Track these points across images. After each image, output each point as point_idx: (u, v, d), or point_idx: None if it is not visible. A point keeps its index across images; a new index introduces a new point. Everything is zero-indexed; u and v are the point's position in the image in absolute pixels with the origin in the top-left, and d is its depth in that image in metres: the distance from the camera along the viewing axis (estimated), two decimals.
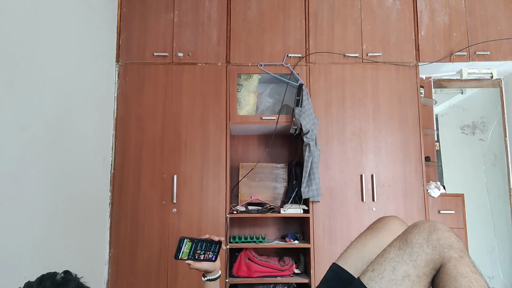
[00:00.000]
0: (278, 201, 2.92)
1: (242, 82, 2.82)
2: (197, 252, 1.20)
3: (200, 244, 1.21)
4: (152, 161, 2.64)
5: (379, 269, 1.04)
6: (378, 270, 1.04)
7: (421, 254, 1.00)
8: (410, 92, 2.77)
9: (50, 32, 1.85)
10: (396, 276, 1.01)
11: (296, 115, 2.60)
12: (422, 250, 1.01)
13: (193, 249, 1.19)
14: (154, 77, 2.74)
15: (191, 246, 1.19)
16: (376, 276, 1.03)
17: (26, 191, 1.63)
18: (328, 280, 1.27)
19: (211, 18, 2.81)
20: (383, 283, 1.01)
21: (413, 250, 1.02)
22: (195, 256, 1.19)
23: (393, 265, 1.02)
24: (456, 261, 0.98)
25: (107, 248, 2.56)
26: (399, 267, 1.01)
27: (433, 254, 1.00)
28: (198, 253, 1.20)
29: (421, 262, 1.00)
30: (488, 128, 3.30)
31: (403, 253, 1.02)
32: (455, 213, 2.74)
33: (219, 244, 1.25)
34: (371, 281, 1.03)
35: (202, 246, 1.21)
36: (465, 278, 0.95)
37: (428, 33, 2.83)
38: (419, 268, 1.00)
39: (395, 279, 1.00)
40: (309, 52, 2.79)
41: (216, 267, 1.25)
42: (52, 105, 1.85)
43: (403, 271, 1.00)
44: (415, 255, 1.01)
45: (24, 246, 1.62)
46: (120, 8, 2.80)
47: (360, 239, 1.33)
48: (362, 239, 1.32)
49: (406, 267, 1.00)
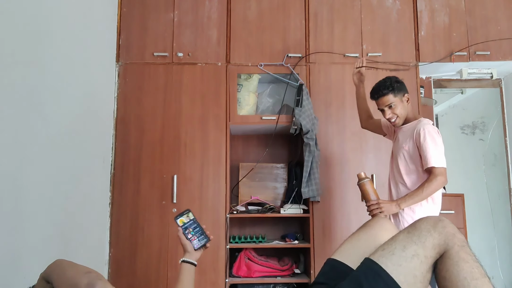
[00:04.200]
0: (278, 201, 2.92)
1: (242, 82, 2.82)
2: (189, 229, 1.34)
3: (195, 226, 1.35)
4: (152, 161, 2.64)
5: (389, 248, 1.10)
6: (388, 249, 1.10)
7: (429, 237, 1.07)
8: (410, 92, 2.74)
9: (50, 32, 1.84)
10: (406, 254, 1.06)
11: (296, 115, 2.60)
12: (429, 234, 1.07)
13: (188, 224, 1.34)
14: (154, 77, 2.73)
15: (189, 221, 1.34)
16: (386, 253, 1.09)
17: (26, 191, 1.63)
18: (325, 272, 1.31)
19: (211, 18, 2.81)
20: (393, 259, 1.07)
21: (421, 234, 1.08)
22: (185, 230, 1.33)
23: (403, 244, 1.08)
24: (459, 248, 1.04)
25: (107, 248, 2.56)
26: (409, 246, 1.07)
27: (439, 239, 1.06)
28: (189, 230, 1.34)
29: (429, 244, 1.06)
30: (488, 128, 3.30)
31: (412, 235, 1.09)
32: (455, 213, 2.74)
33: (207, 240, 1.34)
34: (382, 258, 1.09)
35: (195, 229, 1.34)
36: (466, 263, 1.02)
37: (428, 33, 2.83)
38: (427, 249, 1.06)
39: (404, 256, 1.06)
40: (309, 52, 2.79)
41: (195, 256, 1.33)
42: (52, 105, 1.85)
43: (413, 250, 1.06)
44: (424, 237, 1.07)
45: (24, 246, 1.62)
46: (120, 8, 2.80)
47: (354, 235, 1.38)
48: (355, 235, 1.37)
49: (415, 247, 1.07)
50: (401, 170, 1.88)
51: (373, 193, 1.80)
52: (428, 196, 1.76)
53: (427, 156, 1.75)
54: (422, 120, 1.90)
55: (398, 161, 1.90)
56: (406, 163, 1.87)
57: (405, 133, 1.91)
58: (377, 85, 1.94)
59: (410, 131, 1.88)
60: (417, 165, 1.84)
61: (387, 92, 1.88)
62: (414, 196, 1.75)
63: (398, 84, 1.91)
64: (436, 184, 1.73)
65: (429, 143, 1.76)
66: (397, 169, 1.92)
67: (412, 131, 1.86)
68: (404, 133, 1.92)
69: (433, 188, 1.73)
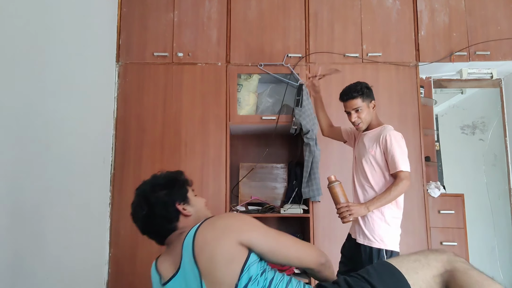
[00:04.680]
0: (278, 201, 2.92)
1: (242, 82, 2.82)
2: None
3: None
4: (152, 161, 2.64)
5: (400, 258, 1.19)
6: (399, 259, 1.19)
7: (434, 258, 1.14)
8: (410, 92, 2.77)
9: (50, 32, 1.84)
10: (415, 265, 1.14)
11: (296, 115, 2.60)
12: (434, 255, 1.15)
13: None
14: (154, 77, 2.73)
15: None
16: (397, 261, 1.17)
17: (26, 191, 1.63)
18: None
19: (211, 18, 2.81)
20: (404, 263, 1.14)
21: (428, 256, 1.15)
22: None
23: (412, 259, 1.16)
24: (464, 263, 1.11)
25: (107, 248, 2.55)
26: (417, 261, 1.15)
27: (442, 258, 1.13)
28: None
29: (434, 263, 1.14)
30: (488, 128, 3.30)
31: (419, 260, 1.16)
32: (455, 213, 2.74)
33: None
34: (393, 260, 1.16)
35: None
36: (474, 270, 1.08)
37: (428, 33, 2.83)
38: (432, 268, 1.12)
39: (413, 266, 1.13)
40: (309, 52, 2.79)
41: None
42: (52, 105, 1.85)
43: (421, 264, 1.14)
44: (430, 259, 1.14)
45: (24, 246, 1.62)
46: (120, 8, 2.80)
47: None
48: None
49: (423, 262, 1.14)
50: (367, 174, 1.93)
51: (343, 196, 1.84)
52: (395, 198, 1.82)
53: (395, 161, 1.82)
54: (386, 126, 1.96)
55: (364, 165, 1.95)
56: (373, 167, 1.92)
57: (371, 138, 1.97)
58: (348, 87, 2.00)
59: (376, 136, 1.94)
60: (383, 169, 1.90)
61: (357, 96, 1.94)
62: (382, 199, 1.80)
63: (367, 90, 1.98)
64: (402, 187, 1.79)
65: (395, 149, 1.83)
66: (363, 174, 1.97)
67: (378, 136, 1.92)
68: (370, 138, 1.98)
69: (399, 190, 1.80)
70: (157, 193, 1.15)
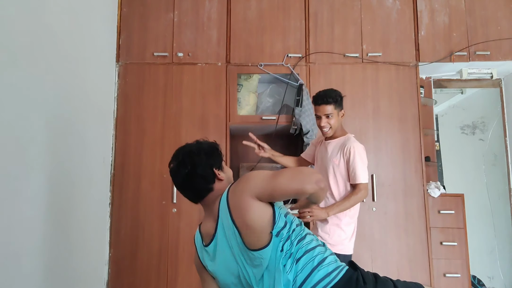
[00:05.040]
0: None
1: (242, 82, 2.82)
2: None
3: None
4: (152, 161, 2.64)
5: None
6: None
7: None
8: (410, 92, 2.76)
9: (50, 32, 1.84)
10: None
11: (296, 115, 2.60)
12: None
13: None
14: (154, 77, 2.73)
15: None
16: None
17: (26, 191, 1.63)
18: None
19: (211, 18, 2.81)
20: None
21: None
22: None
23: None
24: None
25: (107, 248, 2.55)
26: None
27: None
28: None
29: None
30: (488, 128, 3.30)
31: None
32: (455, 213, 2.74)
33: None
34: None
35: None
36: None
37: (428, 33, 2.83)
38: None
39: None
40: (309, 52, 2.79)
41: None
42: (52, 105, 1.85)
43: None
44: None
45: (24, 246, 1.62)
46: (120, 8, 2.80)
47: None
48: None
49: None
50: (331, 183, 2.01)
51: None
52: (352, 206, 1.95)
53: (356, 173, 1.94)
54: (350, 137, 2.04)
55: (328, 175, 2.02)
56: (335, 175, 2.01)
57: (335, 147, 2.04)
58: (323, 92, 2.03)
59: (340, 146, 2.02)
60: (344, 178, 1.99)
61: (331, 102, 1.99)
62: (341, 206, 1.93)
63: (340, 99, 2.03)
64: (360, 196, 1.94)
65: (357, 161, 1.94)
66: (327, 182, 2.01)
67: (342, 146, 2.00)
68: (334, 147, 2.04)
69: (357, 199, 1.94)
70: (200, 156, 1.32)
